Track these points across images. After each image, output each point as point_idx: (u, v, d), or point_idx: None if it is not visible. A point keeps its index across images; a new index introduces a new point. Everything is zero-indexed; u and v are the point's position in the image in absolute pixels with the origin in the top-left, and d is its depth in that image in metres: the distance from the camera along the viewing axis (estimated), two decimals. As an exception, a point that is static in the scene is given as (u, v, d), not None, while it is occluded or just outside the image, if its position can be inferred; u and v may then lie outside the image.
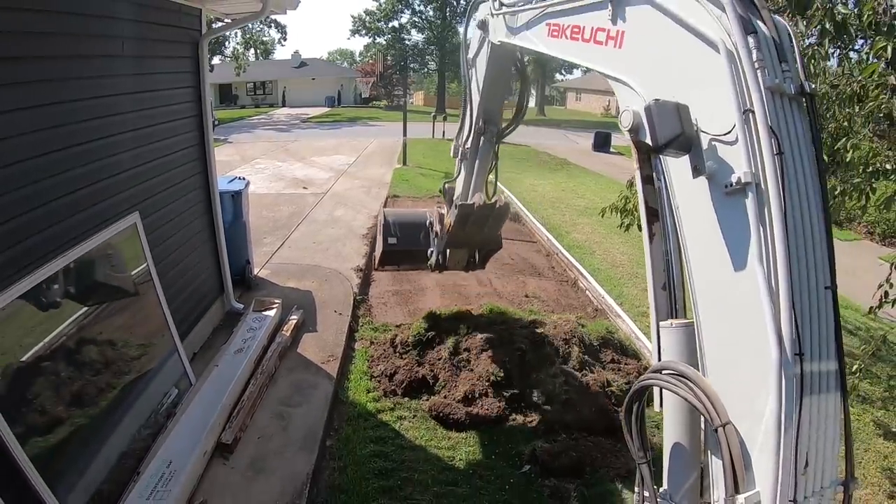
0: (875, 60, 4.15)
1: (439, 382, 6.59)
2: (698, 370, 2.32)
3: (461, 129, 5.81)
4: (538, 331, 7.55)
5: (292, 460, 5.17)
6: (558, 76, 68.54)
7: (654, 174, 2.69)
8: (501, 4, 4.18)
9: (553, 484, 5.27)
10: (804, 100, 2.26)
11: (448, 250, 6.65)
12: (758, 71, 2.12)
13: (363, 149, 26.21)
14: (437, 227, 6.67)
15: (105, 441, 4.49)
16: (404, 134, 22.84)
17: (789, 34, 2.31)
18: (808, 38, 4.48)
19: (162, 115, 6.07)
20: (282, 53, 79.38)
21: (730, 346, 2.18)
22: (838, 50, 4.72)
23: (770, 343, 1.96)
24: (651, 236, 2.73)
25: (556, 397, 6.31)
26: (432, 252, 6.80)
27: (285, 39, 64.18)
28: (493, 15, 4.36)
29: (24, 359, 3.88)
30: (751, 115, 2.07)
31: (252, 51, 58.32)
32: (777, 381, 1.94)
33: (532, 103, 68.50)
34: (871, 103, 4.24)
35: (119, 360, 4.91)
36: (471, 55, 5.15)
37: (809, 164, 2.22)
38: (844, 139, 4.46)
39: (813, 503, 2.05)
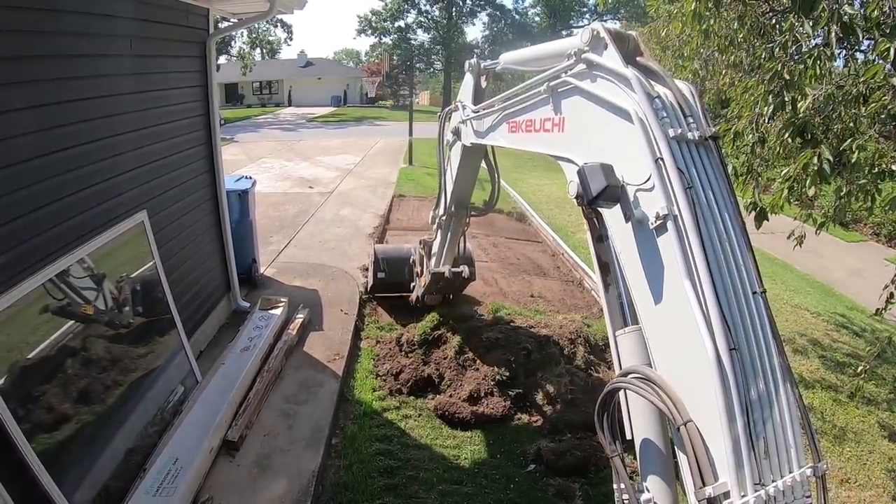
0: (880, 61, 4.15)
1: (445, 381, 6.61)
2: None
3: (438, 202, 6.62)
4: (543, 331, 7.55)
5: (298, 458, 5.19)
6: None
7: (602, 234, 3.11)
8: (471, 112, 4.92)
9: (558, 483, 5.28)
10: (710, 142, 2.65)
11: (425, 296, 7.98)
12: (664, 127, 2.53)
13: (369, 148, 26.26)
14: (417, 267, 7.85)
15: (111, 438, 4.51)
16: (410, 133, 22.88)
17: (692, 92, 2.75)
18: (814, 39, 4.47)
19: (169, 113, 6.09)
20: (288, 53, 79.60)
21: (674, 352, 2.48)
22: (844, 50, 4.71)
23: (704, 341, 2.24)
24: (606, 286, 3.17)
25: (561, 397, 6.32)
26: (414, 286, 8.11)
27: (291, 39, 64.62)
28: (463, 122, 5.15)
29: (32, 355, 3.90)
30: (661, 161, 2.46)
31: (258, 50, 58.47)
32: (717, 374, 2.20)
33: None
34: (873, 105, 4.25)
35: (126, 358, 4.92)
36: (446, 147, 5.93)
37: (721, 192, 2.59)
38: (850, 140, 4.45)
39: (782, 486, 2.20)
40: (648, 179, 2.48)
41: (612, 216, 2.77)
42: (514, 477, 5.36)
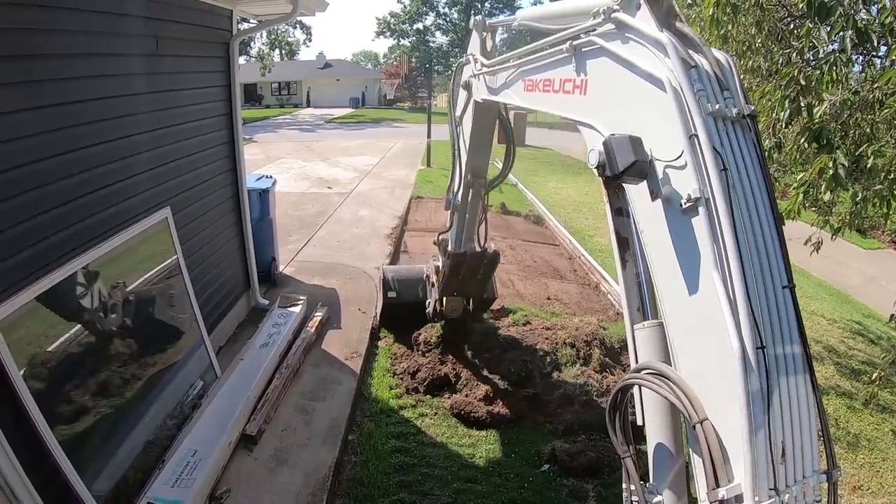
0: (894, 68, 4.14)
1: (461, 381, 6.63)
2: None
3: (451, 182, 6.18)
4: (560, 333, 7.56)
5: (315, 453, 5.26)
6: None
7: (622, 207, 2.91)
8: (483, 66, 4.63)
9: (572, 483, 5.29)
10: (746, 121, 2.47)
11: (444, 298, 6.92)
12: (700, 100, 2.35)
13: (387, 150, 26.35)
14: (433, 279, 7.12)
15: (131, 430, 4.59)
16: (428, 136, 22.93)
17: (730, 65, 2.54)
18: (830, 45, 4.47)
19: (194, 112, 6.21)
20: (306, 54, 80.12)
21: (697, 346, 2.33)
22: (861, 56, 4.71)
23: (731, 337, 2.10)
24: (623, 263, 2.96)
25: (576, 398, 6.33)
26: (430, 303, 7.16)
27: (310, 40, 64.80)
28: (475, 76, 4.83)
29: (54, 348, 3.99)
30: (696, 138, 2.28)
31: (277, 51, 58.87)
32: (741, 373, 2.07)
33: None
34: (887, 110, 4.24)
35: (147, 351, 5.02)
36: (458, 113, 5.52)
37: (756, 177, 2.42)
38: (866, 145, 4.44)
39: (795, 492, 2.13)
40: (680, 157, 2.32)
41: (637, 192, 2.59)
42: (528, 476, 5.38)
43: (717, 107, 2.37)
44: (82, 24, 4.31)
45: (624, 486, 2.76)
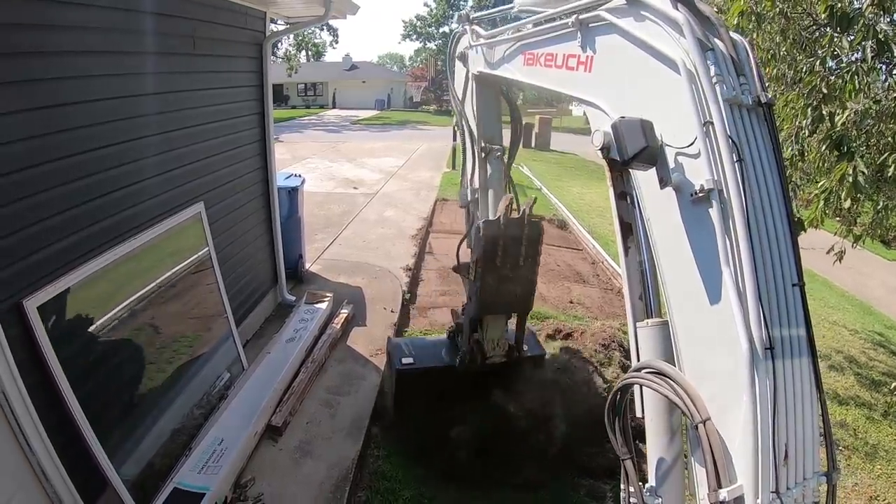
0: None
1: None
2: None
3: (464, 174, 5.56)
4: (581, 336, 7.60)
5: (339, 446, 5.34)
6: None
7: (626, 191, 2.80)
8: (478, 36, 4.47)
9: (589, 483, 5.36)
10: (762, 109, 2.35)
11: (485, 324, 5.26)
12: (716, 85, 2.24)
13: (412, 152, 26.46)
14: (458, 313, 5.80)
15: (160, 417, 4.70)
16: (454, 138, 22.94)
17: (746, 49, 2.41)
18: (853, 54, 4.47)
19: (229, 111, 6.36)
20: (333, 56, 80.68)
21: (703, 345, 2.27)
22: (885, 65, 4.70)
23: (740, 338, 2.05)
24: (626, 249, 2.84)
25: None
26: (460, 341, 5.56)
27: (337, 42, 65.49)
28: (471, 47, 4.59)
29: (91, 334, 4.13)
30: (710, 126, 2.18)
31: (304, 52, 59.40)
32: (749, 374, 2.03)
33: (580, 112, 67.92)
34: None
35: (177, 341, 5.15)
36: (458, 90, 5.23)
37: (770, 170, 2.32)
38: (888, 154, 4.43)
39: (795, 494, 2.10)
40: (692, 144, 2.22)
41: (645, 179, 2.49)
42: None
43: (733, 93, 2.28)
44: (127, 22, 4.49)
45: (622, 487, 2.73)
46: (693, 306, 2.30)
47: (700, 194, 2.19)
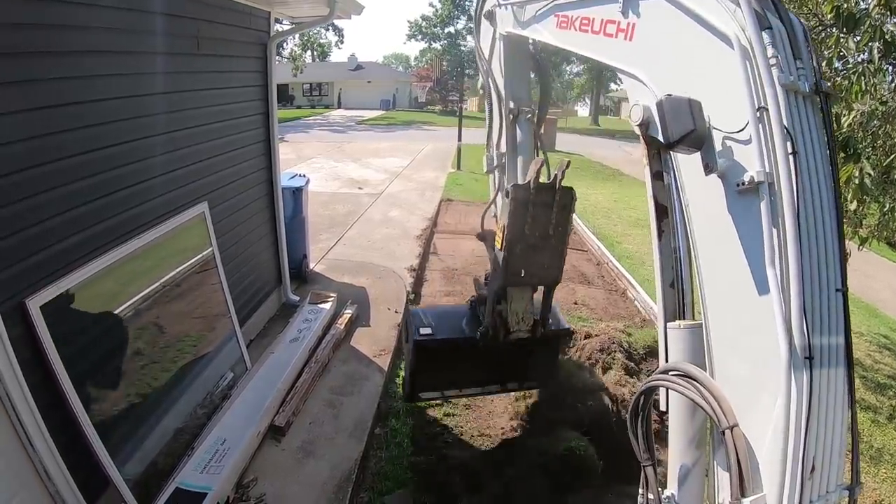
0: None
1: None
2: (706, 371, 2.30)
3: (490, 134, 5.11)
4: (585, 338, 7.59)
5: (342, 446, 5.33)
6: (613, 86, 67.65)
7: (663, 170, 2.63)
8: None
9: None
10: (818, 98, 2.20)
11: (508, 295, 4.88)
12: (772, 68, 2.05)
13: (417, 152, 26.46)
14: (481, 282, 5.46)
15: (162, 416, 4.69)
16: (459, 139, 22.99)
17: (804, 30, 2.24)
18: (859, 55, 4.43)
19: (233, 111, 6.37)
20: (338, 56, 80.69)
21: (739, 346, 2.16)
22: (891, 67, 4.67)
23: (781, 345, 1.94)
24: (660, 233, 2.66)
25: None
26: (483, 314, 5.08)
27: (342, 42, 65.51)
28: (500, 5, 4.23)
29: (94, 333, 4.14)
30: (765, 113, 2.01)
31: (309, 52, 59.47)
32: (787, 383, 1.94)
33: (586, 112, 67.72)
34: None
35: (180, 341, 5.15)
36: (486, 50, 4.75)
37: (823, 165, 2.17)
38: (894, 155, 4.39)
39: None
40: (743, 129, 2.05)
41: (688, 163, 2.32)
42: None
43: (790, 79, 2.09)
44: (134, 23, 4.51)
45: (640, 492, 2.64)
46: (730, 304, 2.19)
47: (748, 185, 2.04)
